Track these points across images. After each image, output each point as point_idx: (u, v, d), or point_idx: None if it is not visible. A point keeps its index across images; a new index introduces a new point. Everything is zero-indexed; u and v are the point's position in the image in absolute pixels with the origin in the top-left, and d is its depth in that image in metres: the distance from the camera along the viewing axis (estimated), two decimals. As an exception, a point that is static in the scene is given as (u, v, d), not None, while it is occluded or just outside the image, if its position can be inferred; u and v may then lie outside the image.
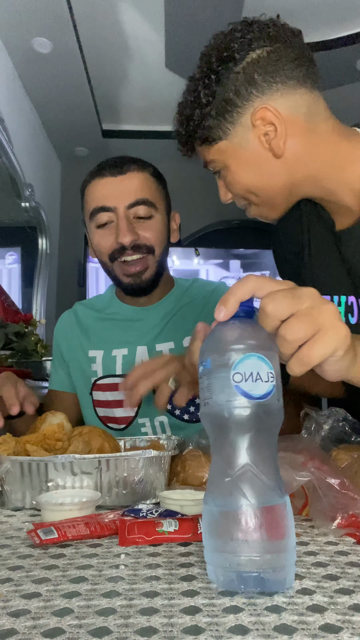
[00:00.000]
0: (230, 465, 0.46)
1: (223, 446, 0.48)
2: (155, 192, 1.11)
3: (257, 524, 0.44)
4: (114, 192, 1.08)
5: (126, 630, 0.38)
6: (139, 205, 1.08)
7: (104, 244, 1.11)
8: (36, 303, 3.48)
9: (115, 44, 2.45)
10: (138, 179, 1.09)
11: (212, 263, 4.36)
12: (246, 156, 0.84)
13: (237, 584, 0.45)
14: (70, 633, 0.38)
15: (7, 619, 0.40)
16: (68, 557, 0.54)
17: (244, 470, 0.46)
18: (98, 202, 1.09)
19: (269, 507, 0.45)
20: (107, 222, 1.09)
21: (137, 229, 1.08)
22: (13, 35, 2.27)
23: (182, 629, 0.38)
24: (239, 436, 0.47)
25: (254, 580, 0.44)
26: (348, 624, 0.39)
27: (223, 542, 0.45)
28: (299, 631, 0.38)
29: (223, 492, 0.46)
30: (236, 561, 0.44)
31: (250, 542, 0.44)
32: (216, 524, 0.46)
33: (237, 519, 0.45)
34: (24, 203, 3.03)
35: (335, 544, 0.58)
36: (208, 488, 0.48)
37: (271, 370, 0.48)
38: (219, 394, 0.47)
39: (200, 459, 0.78)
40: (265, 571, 0.44)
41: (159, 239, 1.11)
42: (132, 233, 1.07)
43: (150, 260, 1.12)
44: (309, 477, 0.63)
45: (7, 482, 0.74)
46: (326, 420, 0.80)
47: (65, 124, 3.18)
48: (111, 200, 1.08)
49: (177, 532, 0.58)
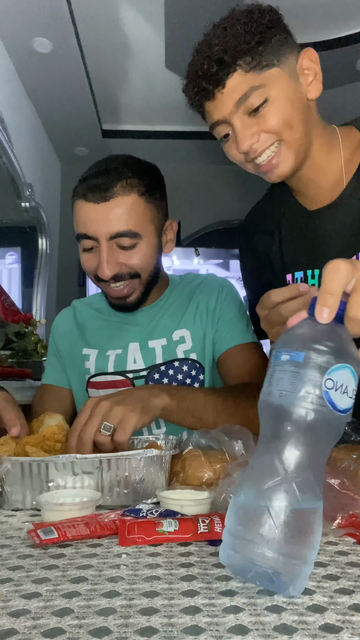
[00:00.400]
0: (280, 461, 0.46)
1: (278, 441, 0.47)
2: (141, 218, 1.06)
3: (284, 523, 0.44)
4: (96, 221, 1.04)
5: (126, 630, 0.38)
6: (120, 237, 1.04)
7: (88, 266, 1.10)
8: (36, 303, 3.48)
9: (115, 44, 2.45)
10: (123, 206, 1.03)
11: (212, 263, 4.36)
12: (291, 89, 0.89)
13: (245, 573, 0.45)
14: (70, 633, 0.38)
15: (7, 619, 0.40)
16: (68, 557, 0.54)
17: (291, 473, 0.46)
18: (82, 228, 1.07)
19: (301, 510, 0.45)
20: (91, 248, 1.08)
21: (120, 258, 1.06)
22: (13, 35, 2.27)
23: (182, 629, 0.38)
24: (301, 438, 0.47)
25: (262, 576, 0.44)
26: (348, 624, 0.39)
27: (246, 529, 0.45)
28: (299, 631, 0.38)
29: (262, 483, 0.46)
30: (252, 550, 0.44)
31: (270, 538, 0.44)
32: (245, 510, 0.46)
33: (266, 513, 0.44)
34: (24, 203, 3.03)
35: (335, 544, 0.58)
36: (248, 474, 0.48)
37: (355, 387, 0.48)
38: (303, 393, 0.46)
39: (200, 459, 0.78)
40: (276, 571, 0.44)
41: (146, 263, 1.09)
42: (113, 266, 1.05)
43: (135, 284, 1.10)
44: (309, 477, 0.63)
45: (7, 483, 0.74)
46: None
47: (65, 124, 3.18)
48: (93, 229, 1.04)
49: (177, 532, 0.58)
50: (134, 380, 1.18)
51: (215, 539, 0.58)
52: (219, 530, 0.59)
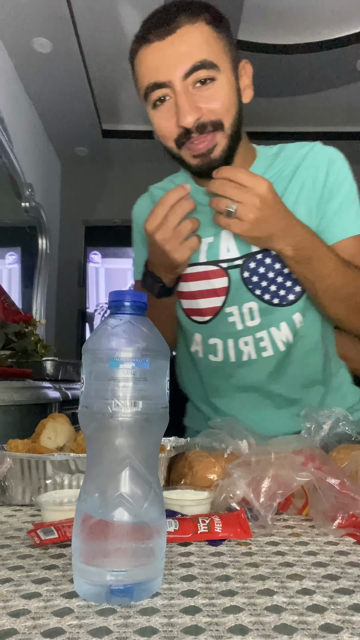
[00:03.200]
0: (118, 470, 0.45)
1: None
2: (215, 46, 0.91)
3: (128, 533, 0.43)
4: (165, 60, 0.90)
5: (126, 630, 0.38)
6: (196, 71, 0.89)
7: (165, 128, 0.95)
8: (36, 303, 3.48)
9: (115, 44, 2.45)
10: (193, 34, 0.89)
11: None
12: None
13: (108, 596, 0.43)
14: (70, 633, 0.38)
15: (7, 619, 0.40)
16: (68, 557, 0.54)
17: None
18: (149, 77, 0.92)
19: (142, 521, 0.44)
20: (163, 99, 0.93)
21: (200, 102, 0.91)
22: (13, 35, 2.27)
23: (182, 629, 0.38)
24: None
25: (122, 592, 0.43)
26: (348, 624, 0.39)
27: (91, 550, 0.44)
28: (299, 631, 0.38)
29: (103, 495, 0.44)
30: (104, 574, 0.43)
31: (118, 550, 0.43)
32: (90, 529, 0.44)
33: (111, 526, 0.43)
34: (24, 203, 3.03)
35: (335, 544, 0.58)
36: (87, 486, 0.46)
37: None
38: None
39: (208, 460, 0.78)
40: (131, 585, 0.43)
41: (227, 108, 0.93)
42: (195, 110, 0.90)
43: (218, 137, 0.94)
44: (309, 477, 0.64)
45: (8, 479, 0.75)
46: (326, 421, 0.80)
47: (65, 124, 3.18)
48: (163, 72, 0.90)
49: (177, 532, 0.58)
50: (228, 270, 1.06)
51: (215, 539, 0.58)
52: (219, 530, 0.59)
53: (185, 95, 0.90)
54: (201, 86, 0.90)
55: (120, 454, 0.45)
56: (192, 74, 0.89)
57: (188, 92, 0.90)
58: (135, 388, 0.45)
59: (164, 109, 0.93)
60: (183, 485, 0.76)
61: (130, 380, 0.45)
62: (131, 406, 0.44)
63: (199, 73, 0.89)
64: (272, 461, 0.67)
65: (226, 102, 0.92)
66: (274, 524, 0.64)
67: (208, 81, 0.90)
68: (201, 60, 0.89)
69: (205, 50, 0.90)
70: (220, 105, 0.92)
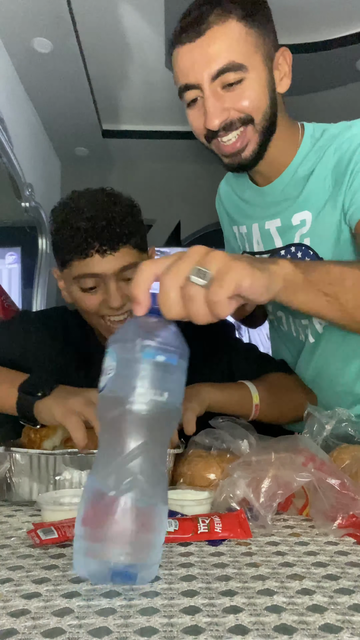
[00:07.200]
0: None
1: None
2: (244, 46, 0.90)
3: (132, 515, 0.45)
4: (194, 63, 0.90)
5: (126, 630, 0.38)
6: (223, 74, 0.89)
7: (195, 125, 0.96)
8: (36, 303, 3.48)
9: (115, 44, 2.44)
10: (221, 36, 0.89)
11: (212, 263, 4.36)
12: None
13: (104, 577, 0.46)
14: (70, 633, 0.38)
15: (7, 619, 0.40)
16: (68, 557, 0.54)
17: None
18: (182, 78, 0.93)
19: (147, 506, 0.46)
20: (196, 99, 0.93)
21: (227, 102, 0.91)
22: (13, 35, 2.27)
23: (182, 629, 0.38)
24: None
25: (119, 575, 0.45)
26: (348, 624, 0.39)
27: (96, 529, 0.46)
28: (299, 631, 0.38)
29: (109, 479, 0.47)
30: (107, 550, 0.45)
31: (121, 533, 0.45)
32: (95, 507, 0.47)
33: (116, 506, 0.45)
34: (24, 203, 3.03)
35: (336, 544, 0.58)
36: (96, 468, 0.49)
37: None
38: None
39: (207, 460, 0.78)
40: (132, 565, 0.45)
41: (257, 102, 0.92)
42: (220, 112, 0.91)
43: (249, 133, 0.93)
44: (309, 477, 0.64)
45: (15, 475, 0.75)
46: (329, 421, 0.80)
47: (65, 124, 3.18)
48: (192, 74, 0.90)
49: (177, 532, 0.58)
50: None
51: (215, 539, 0.58)
52: (219, 530, 0.59)
53: (213, 97, 0.90)
54: (229, 89, 0.91)
55: (139, 440, 0.47)
56: (219, 76, 0.89)
57: (216, 93, 0.91)
58: (164, 379, 0.48)
59: (196, 108, 0.95)
60: (183, 485, 0.76)
61: (161, 372, 0.48)
62: (158, 396, 0.47)
63: (227, 76, 0.89)
64: (272, 461, 0.67)
65: (255, 100, 0.92)
66: (274, 524, 0.64)
67: (236, 84, 0.90)
68: (228, 63, 0.89)
69: (234, 52, 0.89)
70: (249, 103, 0.91)
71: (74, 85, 2.66)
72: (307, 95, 3.06)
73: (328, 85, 2.77)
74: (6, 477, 0.75)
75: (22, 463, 0.75)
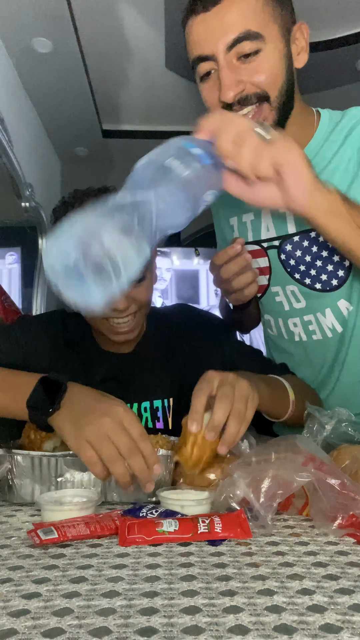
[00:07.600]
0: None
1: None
2: (261, 15, 0.86)
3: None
4: (208, 32, 0.87)
5: (126, 630, 0.38)
6: (240, 43, 0.85)
7: (209, 99, 0.92)
8: (36, 303, 3.48)
9: (115, 44, 2.44)
10: (237, 4, 0.85)
11: (212, 263, 4.36)
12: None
13: (74, 271, 0.49)
14: (70, 633, 0.38)
15: (7, 619, 0.40)
16: (68, 557, 0.54)
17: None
18: (195, 50, 0.89)
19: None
20: (210, 72, 0.90)
21: (243, 75, 0.87)
22: (13, 35, 2.27)
23: (182, 629, 0.38)
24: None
25: (95, 268, 0.49)
26: (348, 624, 0.39)
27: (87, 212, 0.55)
28: (299, 631, 0.38)
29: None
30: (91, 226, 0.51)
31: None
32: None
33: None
34: (24, 203, 3.03)
35: (336, 544, 0.58)
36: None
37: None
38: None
39: None
40: (110, 255, 0.50)
41: (274, 77, 0.88)
42: (235, 85, 0.87)
43: (265, 110, 0.89)
44: (309, 477, 0.63)
45: (17, 476, 0.75)
46: (329, 421, 0.80)
47: (65, 124, 3.18)
48: (207, 44, 0.87)
49: (177, 532, 0.58)
50: (267, 251, 1.04)
51: (215, 539, 0.58)
52: (219, 530, 0.59)
53: (228, 69, 0.87)
54: (245, 60, 0.87)
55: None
56: (235, 45, 0.86)
57: (231, 65, 0.87)
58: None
59: (210, 82, 0.91)
60: (183, 485, 0.76)
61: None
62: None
63: (243, 45, 0.85)
64: (272, 461, 0.67)
65: (272, 74, 0.88)
66: (274, 524, 0.64)
67: (252, 54, 0.86)
68: (245, 31, 0.85)
69: (250, 20, 0.85)
70: (265, 77, 0.87)
71: (74, 85, 2.66)
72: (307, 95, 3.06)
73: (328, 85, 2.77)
74: (7, 479, 0.75)
75: (24, 465, 0.75)
